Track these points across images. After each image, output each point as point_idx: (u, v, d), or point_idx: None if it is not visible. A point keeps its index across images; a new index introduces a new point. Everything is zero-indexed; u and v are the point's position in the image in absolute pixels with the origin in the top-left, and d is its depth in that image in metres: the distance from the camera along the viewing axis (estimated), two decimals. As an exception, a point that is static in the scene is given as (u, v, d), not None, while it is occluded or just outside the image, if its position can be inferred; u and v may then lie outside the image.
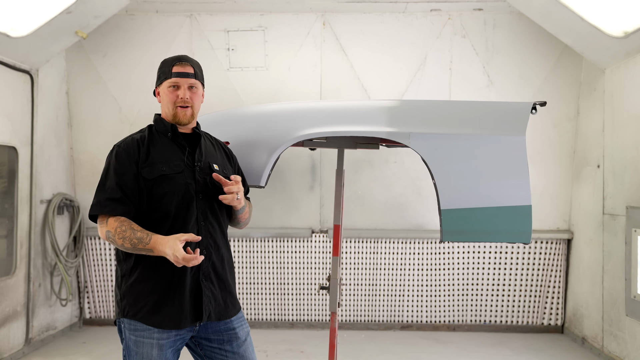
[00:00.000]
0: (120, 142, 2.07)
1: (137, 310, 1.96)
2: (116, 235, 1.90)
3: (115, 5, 4.39)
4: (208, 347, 2.09)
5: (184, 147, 2.08)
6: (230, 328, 2.09)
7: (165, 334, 1.96)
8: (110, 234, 1.92)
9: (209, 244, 2.04)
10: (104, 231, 1.95)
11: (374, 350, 4.38)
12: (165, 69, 2.08)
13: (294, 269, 4.91)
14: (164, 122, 2.10)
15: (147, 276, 1.96)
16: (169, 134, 2.08)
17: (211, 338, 2.08)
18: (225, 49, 4.82)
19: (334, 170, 2.87)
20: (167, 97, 2.07)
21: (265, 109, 2.95)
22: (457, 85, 4.79)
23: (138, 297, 1.96)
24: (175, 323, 1.96)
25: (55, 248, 4.50)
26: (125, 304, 1.98)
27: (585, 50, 4.23)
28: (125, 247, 1.91)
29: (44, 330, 4.49)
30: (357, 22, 4.81)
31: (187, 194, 2.00)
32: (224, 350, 2.08)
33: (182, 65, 2.07)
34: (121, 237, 1.90)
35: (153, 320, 1.95)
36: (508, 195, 2.57)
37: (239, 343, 2.10)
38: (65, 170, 4.84)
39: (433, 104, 2.88)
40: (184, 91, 2.06)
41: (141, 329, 1.95)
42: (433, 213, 4.77)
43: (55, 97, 4.72)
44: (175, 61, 2.07)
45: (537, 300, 4.85)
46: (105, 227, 1.94)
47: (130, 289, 1.98)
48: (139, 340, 1.95)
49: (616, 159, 4.05)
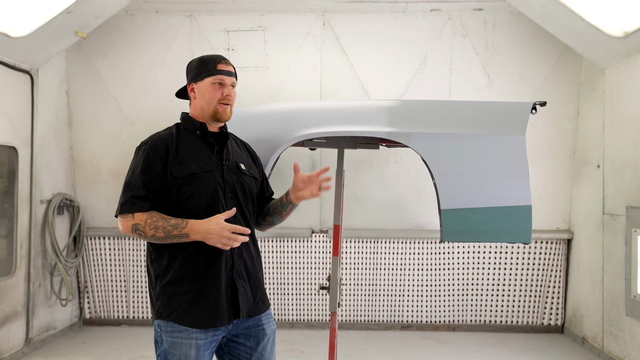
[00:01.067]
0: (147, 139, 2.05)
1: (171, 311, 1.94)
2: (146, 226, 1.89)
3: (115, 5, 4.39)
4: (233, 342, 2.08)
5: (212, 146, 2.08)
6: (258, 324, 2.10)
7: (203, 334, 1.95)
8: (140, 226, 1.90)
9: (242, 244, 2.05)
10: (129, 225, 1.92)
11: (374, 350, 4.38)
12: (209, 65, 2.08)
13: (294, 269, 4.91)
14: (193, 120, 2.10)
15: (181, 276, 1.95)
16: (197, 132, 2.08)
17: (239, 333, 2.08)
18: (225, 49, 4.82)
19: (334, 170, 2.87)
20: (210, 93, 2.07)
21: (265, 109, 2.95)
22: (457, 85, 4.79)
23: (172, 297, 1.95)
24: (212, 321, 1.95)
25: (55, 248, 4.50)
26: (160, 305, 1.96)
27: (585, 50, 4.23)
28: (157, 236, 1.90)
29: (44, 330, 4.49)
30: (357, 22, 4.81)
31: (216, 192, 2.00)
32: (248, 348, 2.08)
33: (226, 64, 2.09)
34: (152, 227, 1.89)
35: (188, 320, 1.93)
36: (508, 195, 2.57)
37: (265, 341, 2.11)
38: (65, 170, 4.84)
39: (433, 104, 2.88)
40: (229, 89, 2.08)
41: (178, 330, 1.94)
42: (433, 213, 4.77)
43: (55, 97, 4.72)
44: (218, 59, 2.09)
45: (537, 300, 4.85)
46: (132, 221, 1.92)
47: (165, 290, 1.96)
48: (176, 341, 1.93)
49: (616, 159, 4.05)
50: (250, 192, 2.13)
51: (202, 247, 1.95)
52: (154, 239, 1.92)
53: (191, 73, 2.11)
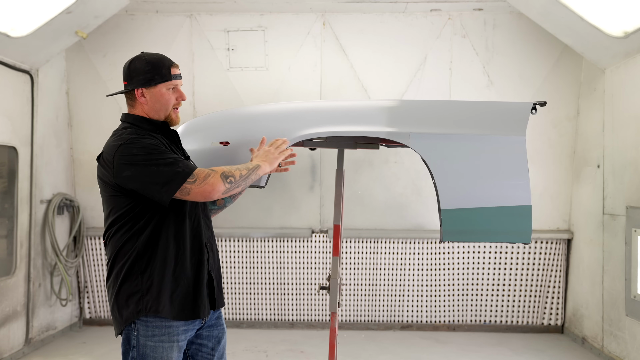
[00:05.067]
0: (128, 138, 1.98)
1: (161, 305, 1.93)
2: (233, 171, 1.95)
3: (115, 5, 4.39)
4: (195, 346, 2.12)
5: (175, 143, 2.12)
6: (219, 323, 2.17)
7: (183, 335, 1.99)
8: (227, 172, 1.93)
9: (209, 235, 2.12)
10: (216, 179, 1.90)
11: (374, 350, 4.38)
12: (163, 71, 2.04)
13: (294, 269, 4.91)
14: (151, 121, 2.07)
15: (173, 268, 1.98)
16: (158, 132, 2.07)
17: (201, 334, 2.12)
18: (225, 49, 4.82)
19: (334, 170, 2.87)
20: (166, 99, 2.05)
21: (265, 109, 2.95)
22: (457, 85, 4.79)
23: (163, 291, 1.94)
24: (197, 314, 2.00)
25: (55, 248, 4.50)
26: (148, 299, 1.93)
27: (585, 50, 4.23)
28: (243, 175, 1.97)
29: (44, 330, 4.49)
30: (357, 22, 4.81)
31: None
32: (209, 349, 2.13)
33: (177, 67, 2.10)
34: (236, 169, 1.97)
35: (178, 314, 1.95)
36: (508, 195, 2.57)
37: (224, 340, 2.18)
38: (65, 170, 4.84)
39: (433, 104, 2.88)
40: (182, 94, 2.09)
41: (159, 333, 1.93)
42: (433, 213, 4.77)
43: (55, 97, 4.72)
44: (171, 63, 2.07)
45: (537, 300, 4.85)
46: (213, 174, 1.91)
47: (157, 283, 1.94)
48: (157, 345, 1.93)
49: (616, 159, 4.05)
50: None
51: (191, 239, 2.00)
52: (242, 181, 1.97)
53: (141, 77, 2.02)
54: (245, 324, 4.97)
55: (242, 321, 4.97)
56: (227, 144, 2.63)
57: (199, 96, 4.88)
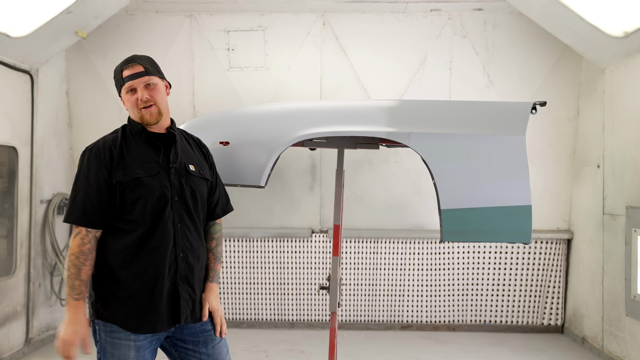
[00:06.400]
0: (91, 145, 2.04)
1: (111, 313, 1.94)
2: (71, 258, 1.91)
3: (115, 5, 4.39)
4: (183, 348, 2.07)
5: (158, 149, 2.04)
6: (206, 330, 2.08)
7: (142, 336, 1.95)
8: (69, 252, 1.93)
9: (185, 246, 2.02)
10: (74, 243, 1.93)
11: (374, 350, 4.38)
12: (118, 76, 2.05)
13: (294, 269, 4.91)
14: (136, 124, 2.06)
15: (124, 278, 1.94)
16: (142, 135, 2.05)
17: (186, 339, 2.06)
18: (225, 49, 4.82)
19: (334, 170, 2.87)
20: (128, 102, 2.04)
21: (265, 109, 2.95)
22: (457, 85, 4.79)
23: (113, 299, 1.94)
24: (151, 327, 1.95)
25: (55, 248, 4.50)
26: (99, 306, 1.96)
27: (585, 50, 4.23)
28: (67, 272, 1.92)
29: (44, 330, 4.49)
30: (357, 22, 4.81)
31: (163, 196, 1.97)
32: (198, 352, 2.06)
33: (131, 67, 2.02)
34: (71, 264, 1.91)
35: (128, 324, 1.93)
36: (508, 195, 2.58)
37: (214, 344, 2.08)
38: (65, 170, 4.84)
39: (433, 104, 2.88)
40: (141, 92, 2.01)
41: (117, 330, 1.93)
42: (433, 213, 4.77)
43: (55, 97, 4.72)
44: (123, 66, 2.04)
45: (537, 300, 4.85)
46: (74, 240, 1.93)
47: (106, 291, 1.96)
48: (115, 342, 1.93)
49: (616, 159, 4.05)
50: (200, 194, 2.09)
51: (147, 250, 1.94)
52: (65, 272, 1.95)
53: (116, 85, 2.10)
54: (245, 324, 4.97)
55: (242, 321, 4.97)
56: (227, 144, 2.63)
57: (199, 96, 4.88)
